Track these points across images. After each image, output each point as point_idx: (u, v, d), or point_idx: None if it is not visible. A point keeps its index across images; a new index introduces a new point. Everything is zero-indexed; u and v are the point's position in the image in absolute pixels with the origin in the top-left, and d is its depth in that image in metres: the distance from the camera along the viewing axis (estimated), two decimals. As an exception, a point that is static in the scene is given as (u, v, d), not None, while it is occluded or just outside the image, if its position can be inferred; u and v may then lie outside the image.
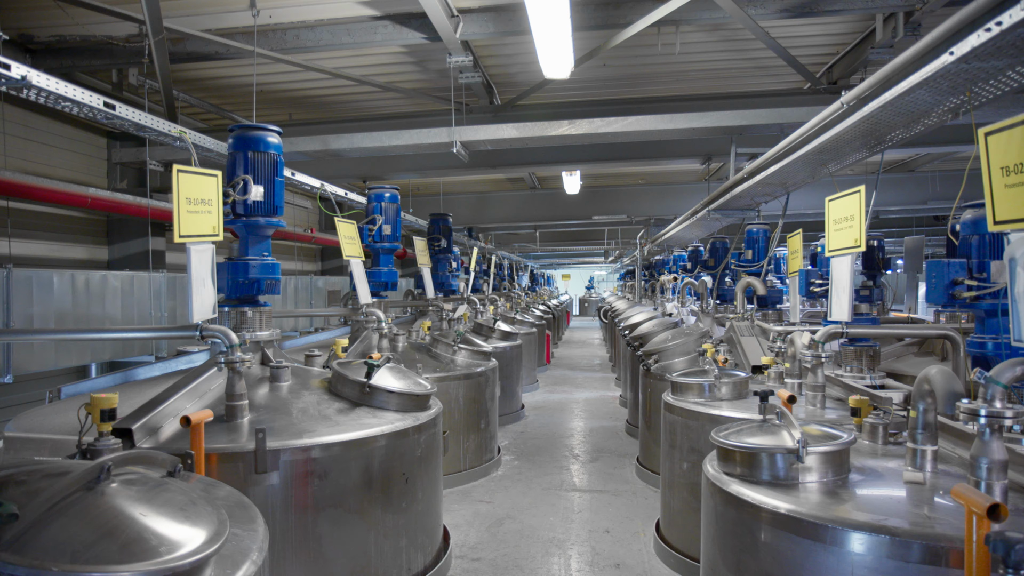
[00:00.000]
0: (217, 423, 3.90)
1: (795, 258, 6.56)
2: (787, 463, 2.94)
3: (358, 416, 4.28)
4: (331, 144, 7.42)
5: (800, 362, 5.11)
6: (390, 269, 7.59)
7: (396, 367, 4.90)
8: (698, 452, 4.80)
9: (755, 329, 7.24)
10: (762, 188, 6.92)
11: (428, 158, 9.91)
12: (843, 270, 4.63)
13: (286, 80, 8.61)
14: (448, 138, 7.18)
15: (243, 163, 4.57)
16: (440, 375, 7.00)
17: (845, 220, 4.55)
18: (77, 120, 8.58)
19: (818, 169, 5.70)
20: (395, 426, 4.27)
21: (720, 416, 4.67)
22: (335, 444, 3.93)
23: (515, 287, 22.07)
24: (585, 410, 11.41)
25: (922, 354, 6.95)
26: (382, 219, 7.41)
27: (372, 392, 4.45)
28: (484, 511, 6.31)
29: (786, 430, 3.12)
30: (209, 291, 4.07)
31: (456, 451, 7.13)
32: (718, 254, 9.85)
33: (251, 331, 4.70)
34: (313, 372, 4.91)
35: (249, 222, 4.61)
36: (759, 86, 9.02)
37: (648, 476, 7.18)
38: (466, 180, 15.80)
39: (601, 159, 9.95)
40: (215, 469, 3.67)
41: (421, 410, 4.67)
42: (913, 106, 3.60)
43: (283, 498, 3.76)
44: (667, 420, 5.19)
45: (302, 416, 4.11)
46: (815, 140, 4.83)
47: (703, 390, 5.03)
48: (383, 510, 4.19)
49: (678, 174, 15.64)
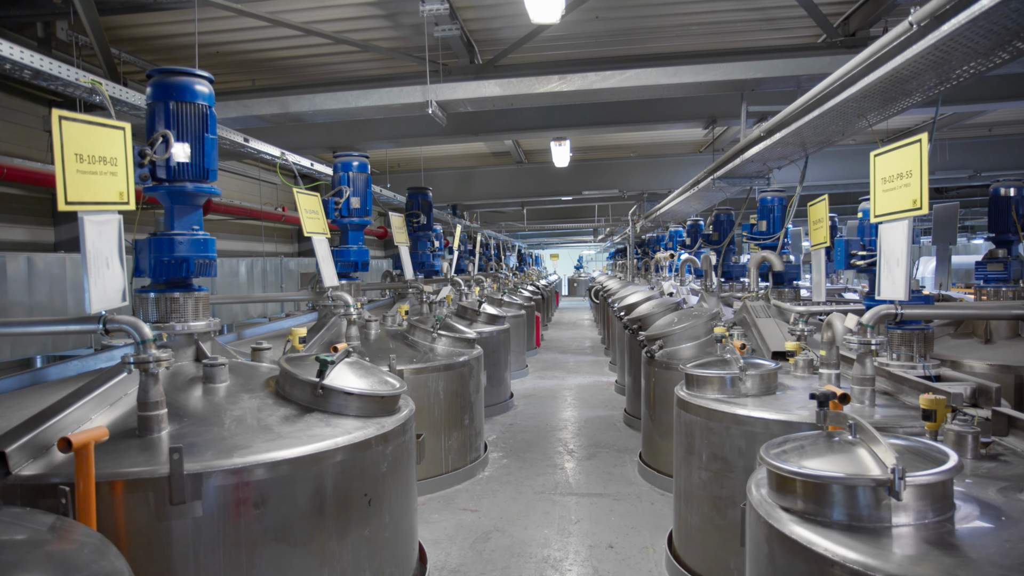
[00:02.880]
0: (128, 439, 3.10)
1: (819, 229, 5.78)
2: (874, 499, 2.15)
3: (308, 425, 3.46)
4: (291, 107, 6.55)
5: (837, 349, 4.34)
6: (360, 247, 6.75)
7: (357, 362, 4.08)
8: (722, 460, 4.02)
9: (771, 309, 6.46)
10: (780, 150, 6.12)
11: (403, 124, 9.02)
12: (896, 238, 3.85)
13: (246, 39, 7.69)
14: (422, 97, 6.32)
15: (163, 116, 3.70)
16: (417, 366, 6.19)
17: (899, 178, 3.77)
18: (12, 87, 7.68)
19: (853, 122, 4.89)
20: (353, 437, 3.45)
21: (749, 417, 3.88)
22: (277, 463, 3.11)
23: (502, 267, 21.27)
24: (578, 398, 10.63)
25: (960, 335, 6.20)
26: (350, 190, 6.57)
27: (326, 394, 3.63)
28: (468, 522, 5.52)
29: (865, 448, 2.32)
30: (115, 274, 3.23)
31: (436, 452, 6.34)
32: (723, 227, 9.04)
33: (182, 321, 3.88)
34: (261, 370, 4.09)
35: (174, 189, 3.76)
36: (768, 41, 8.17)
37: (653, 476, 6.41)
38: (449, 155, 14.92)
39: (594, 124, 9.06)
40: (118, 502, 2.86)
41: (388, 414, 3.86)
42: (1012, 20, 2.78)
43: (208, 535, 2.95)
44: (682, 420, 4.40)
45: (237, 427, 3.30)
46: (859, 83, 4.02)
47: (724, 384, 4.24)
48: (339, 541, 3.38)
49: (673, 146, 14.81)
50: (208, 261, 3.94)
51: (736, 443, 3.93)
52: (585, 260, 51.69)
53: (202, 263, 3.90)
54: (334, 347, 5.62)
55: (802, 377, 4.74)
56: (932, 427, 3.04)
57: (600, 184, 14.94)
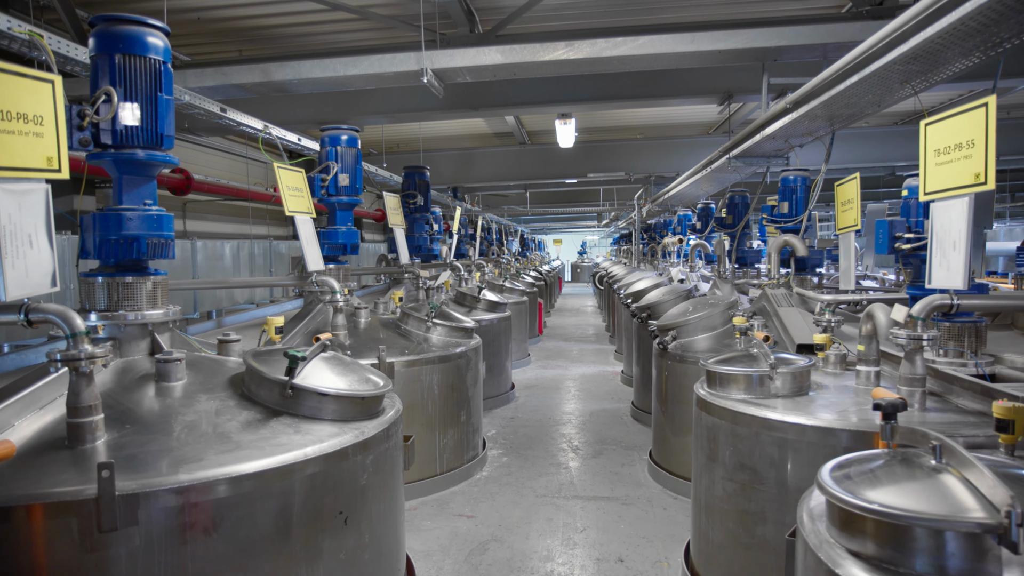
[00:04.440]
0: (55, 451, 2.62)
1: (849, 210, 5.28)
2: (978, 549, 1.66)
3: (273, 432, 2.97)
4: (274, 75, 6.03)
5: (878, 344, 3.85)
6: (349, 228, 6.25)
7: (336, 357, 3.59)
8: (750, 470, 3.53)
9: (794, 298, 5.97)
10: (806, 124, 5.60)
11: (398, 97, 8.47)
12: (953, 218, 3.35)
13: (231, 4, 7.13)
14: (417, 65, 5.81)
15: (108, 71, 3.19)
16: (409, 358, 5.69)
17: (956, 149, 3.28)
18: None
19: (894, 90, 4.37)
20: (326, 446, 2.96)
21: (783, 423, 3.39)
22: (233, 479, 2.62)
23: (504, 252, 20.76)
24: (583, 389, 10.14)
25: (997, 327, 5.70)
26: (338, 167, 6.07)
27: (297, 395, 3.14)
28: (464, 530, 5.05)
29: (956, 478, 1.83)
30: (42, 254, 2.74)
31: (430, 452, 5.86)
32: (737, 210, 8.53)
33: (135, 309, 3.40)
34: (227, 365, 3.61)
35: (122, 157, 3.25)
36: (789, 12, 7.61)
37: (664, 477, 5.93)
38: (449, 135, 14.38)
39: (601, 99, 8.48)
40: (37, 530, 2.38)
41: (370, 416, 3.37)
42: None
43: (147, 567, 2.47)
44: (703, 423, 3.90)
45: (188, 435, 2.81)
46: (911, 40, 3.50)
47: (751, 383, 3.74)
48: (309, 567, 2.90)
49: (682, 127, 14.26)
50: (163, 241, 3.45)
51: (767, 451, 3.44)
52: (589, 246, 51.13)
53: (156, 243, 3.41)
54: (316, 337, 5.14)
55: (834, 374, 4.26)
56: (1009, 440, 2.54)
57: (606, 167, 14.41)
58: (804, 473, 3.30)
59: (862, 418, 3.29)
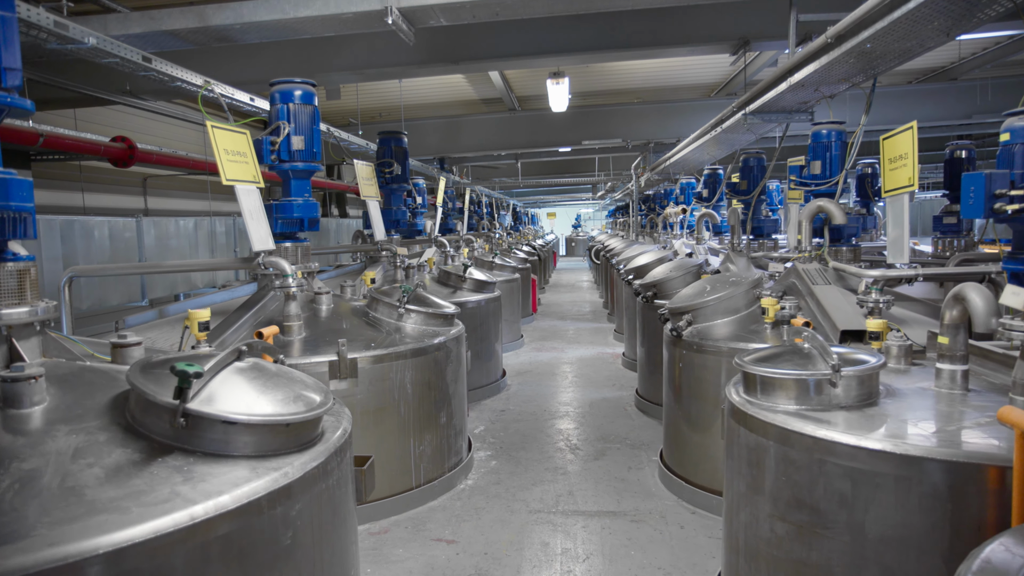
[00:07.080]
0: None
1: (901, 167, 4.42)
2: None
3: (152, 481, 2.09)
4: (211, 18, 5.08)
5: (967, 335, 2.97)
6: (307, 200, 5.33)
7: (257, 366, 2.68)
8: (810, 508, 2.65)
9: (830, 273, 5.09)
10: (844, 68, 4.69)
11: (367, 51, 7.47)
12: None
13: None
14: (380, 4, 4.86)
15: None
16: (376, 353, 4.80)
17: None
18: None
19: (962, 20, 3.48)
20: (226, 501, 2.08)
21: (859, 449, 2.51)
22: (64, 568, 1.75)
23: (496, 226, 19.83)
24: (581, 374, 9.27)
25: None
26: (290, 127, 5.14)
27: (194, 425, 2.25)
28: (443, 561, 4.18)
29: None
30: None
31: (403, 462, 4.98)
32: (752, 174, 7.64)
33: (-15, 306, 2.51)
34: (120, 379, 2.72)
35: None
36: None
37: (679, 486, 5.08)
38: (434, 102, 13.41)
39: (597, 48, 7.46)
40: None
41: (301, 447, 2.49)
42: None
43: None
44: (740, 442, 3.01)
45: (19, 493, 1.93)
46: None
47: (806, 389, 2.86)
48: None
49: (683, 90, 13.32)
50: (16, 215, 2.55)
51: (835, 485, 2.57)
52: (583, 219, 50.20)
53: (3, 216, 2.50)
54: (258, 332, 4.24)
55: (900, 371, 3.39)
56: None
57: (601, 133, 13.45)
58: (890, 517, 2.43)
59: (970, 439, 2.43)
